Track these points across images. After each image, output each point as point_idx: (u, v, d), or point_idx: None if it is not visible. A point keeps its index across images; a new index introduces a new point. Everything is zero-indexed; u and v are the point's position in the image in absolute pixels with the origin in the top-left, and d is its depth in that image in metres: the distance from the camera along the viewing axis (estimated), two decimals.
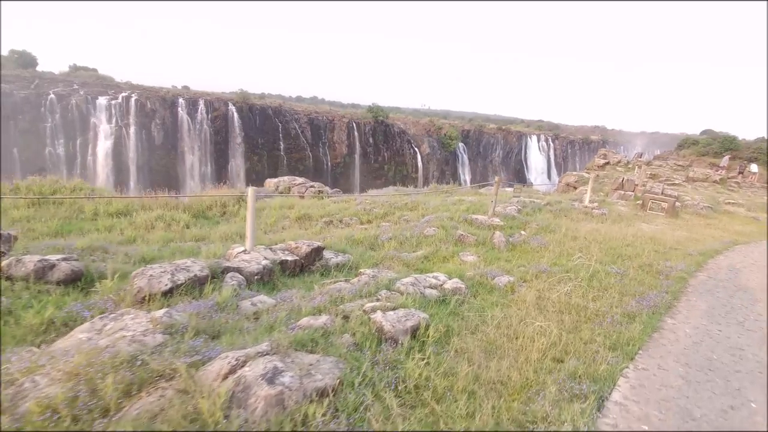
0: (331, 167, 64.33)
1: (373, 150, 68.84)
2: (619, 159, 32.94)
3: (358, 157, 66.87)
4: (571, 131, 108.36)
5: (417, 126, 79.74)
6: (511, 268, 6.40)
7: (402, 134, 73.85)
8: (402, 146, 72.86)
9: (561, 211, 10.98)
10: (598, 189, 17.45)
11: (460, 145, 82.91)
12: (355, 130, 66.37)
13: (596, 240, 8.43)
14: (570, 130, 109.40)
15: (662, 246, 8.56)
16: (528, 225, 9.11)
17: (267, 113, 56.88)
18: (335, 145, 64.76)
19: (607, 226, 10.38)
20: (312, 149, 60.82)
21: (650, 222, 11.76)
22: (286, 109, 60.67)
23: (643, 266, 6.97)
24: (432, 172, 79.05)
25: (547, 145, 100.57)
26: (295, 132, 59.42)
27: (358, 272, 5.28)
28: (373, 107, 70.81)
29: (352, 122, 66.17)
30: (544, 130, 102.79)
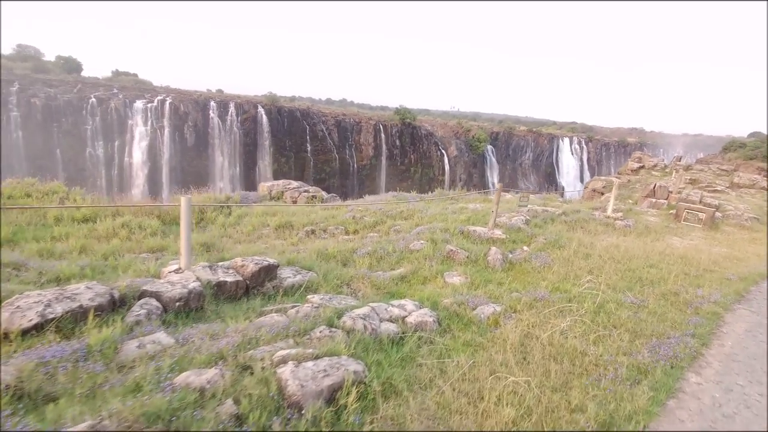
0: (358, 169, 63.94)
1: (400, 152, 67.97)
2: (656, 163, 30.51)
3: (384, 159, 66.19)
4: (606, 133, 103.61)
5: (445, 128, 78.30)
6: (501, 293, 5.30)
7: (429, 136, 72.58)
8: (429, 148, 71.60)
9: (577, 222, 9.66)
10: (627, 196, 15.80)
11: (488, 147, 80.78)
12: (382, 132, 65.73)
13: (613, 258, 7.15)
14: (605, 132, 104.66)
15: (695, 267, 7.16)
16: (534, 239, 7.92)
17: (295, 115, 57.08)
18: (362, 147, 64.34)
19: (630, 240, 8.99)
20: (339, 151, 60.58)
21: (684, 236, 10.21)
22: (313, 111, 60.75)
23: (668, 295, 5.68)
24: (459, 175, 77.35)
25: (580, 147, 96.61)
26: (322, 134, 59.36)
27: (305, 299, 4.36)
28: (401, 109, 69.94)
29: (378, 124, 65.54)
30: (577, 132, 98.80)
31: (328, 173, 59.87)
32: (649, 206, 13.65)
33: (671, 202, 13.16)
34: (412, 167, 69.38)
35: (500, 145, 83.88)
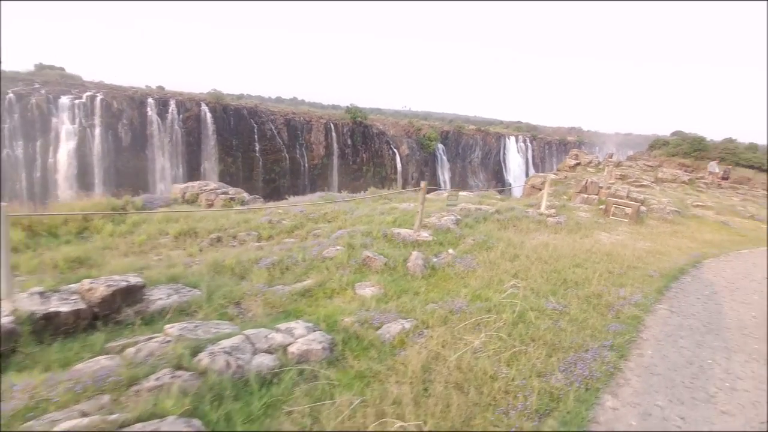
0: (309, 168, 62.42)
1: (352, 151, 67.11)
2: (590, 160, 31.65)
3: (336, 159, 65.08)
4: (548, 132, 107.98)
5: (396, 127, 78.23)
6: (415, 306, 4.67)
7: (381, 135, 72.23)
8: (381, 147, 71.24)
9: (510, 221, 9.32)
10: (562, 192, 15.93)
11: (439, 146, 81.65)
12: (333, 131, 64.57)
13: (540, 259, 6.76)
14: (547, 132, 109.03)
15: (619, 264, 6.93)
16: (463, 240, 7.41)
17: (242, 114, 54.71)
18: (313, 146, 62.84)
19: (560, 237, 8.75)
20: (289, 150, 58.76)
21: (612, 230, 10.18)
22: (261, 109, 58.52)
23: (591, 297, 5.30)
24: (411, 173, 77.57)
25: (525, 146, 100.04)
26: (271, 133, 57.32)
27: (164, 329, 3.48)
28: (352, 108, 69.01)
29: (330, 123, 64.31)
30: (522, 131, 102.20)
31: (279, 173, 57.93)
32: (582, 202, 13.74)
33: (602, 198, 13.30)
34: (364, 166, 68.71)
35: (450, 144, 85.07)
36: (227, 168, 52.86)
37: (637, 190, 17.08)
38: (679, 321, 4.89)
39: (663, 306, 5.31)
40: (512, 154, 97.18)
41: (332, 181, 65.60)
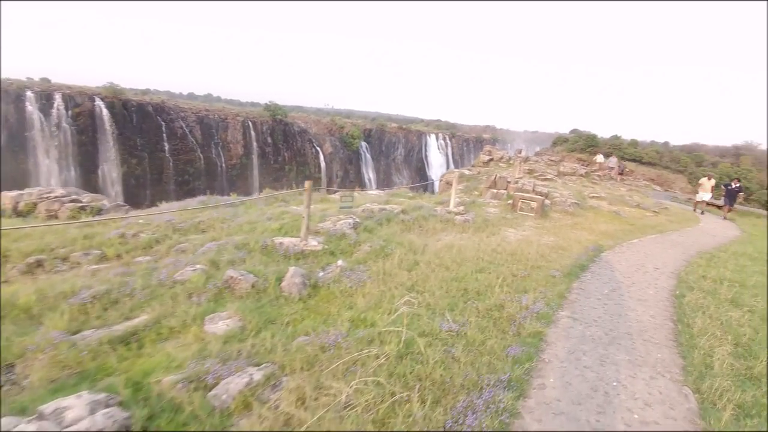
0: (227, 169, 58.45)
1: (273, 150, 64.07)
2: (502, 156, 32.87)
3: (255, 158, 61.67)
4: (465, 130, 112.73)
5: (319, 125, 76.40)
6: (275, 343, 3.57)
7: (303, 133, 69.89)
8: (303, 146, 68.98)
9: (416, 221, 8.58)
10: (474, 188, 15.79)
11: (362, 144, 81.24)
12: (252, 130, 61.07)
13: (442, 265, 6.01)
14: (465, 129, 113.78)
15: (524, 265, 6.43)
16: (359, 247, 6.45)
17: (146, 110, 49.34)
18: (230, 145, 58.91)
19: (467, 237, 8.18)
20: (203, 150, 54.39)
21: (518, 226, 9.92)
22: (170, 106, 53.28)
23: (492, 310, 4.59)
24: (336, 172, 76.31)
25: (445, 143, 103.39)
26: (183, 131, 52.54)
27: None
28: (271, 105, 65.71)
29: (248, 121, 60.69)
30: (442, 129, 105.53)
31: (193, 174, 53.36)
32: (492, 197, 13.61)
33: (510, 192, 13.24)
34: (286, 165, 66.05)
35: (374, 142, 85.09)
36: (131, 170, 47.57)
37: (542, 183, 17.57)
38: (581, 331, 4.34)
39: (565, 313, 4.77)
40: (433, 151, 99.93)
41: (252, 181, 62.19)
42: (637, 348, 4.08)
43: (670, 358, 3.93)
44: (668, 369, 3.74)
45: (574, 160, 41.98)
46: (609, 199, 16.81)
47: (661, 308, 5.25)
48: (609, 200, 16.65)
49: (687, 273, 6.95)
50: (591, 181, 25.49)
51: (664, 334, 4.48)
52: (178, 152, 51.69)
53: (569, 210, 12.67)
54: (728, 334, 4.48)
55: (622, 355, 3.90)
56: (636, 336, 4.35)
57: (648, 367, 3.74)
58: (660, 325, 4.70)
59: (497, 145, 79.46)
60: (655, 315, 5.00)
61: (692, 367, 3.75)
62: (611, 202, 16.43)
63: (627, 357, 3.87)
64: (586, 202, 14.87)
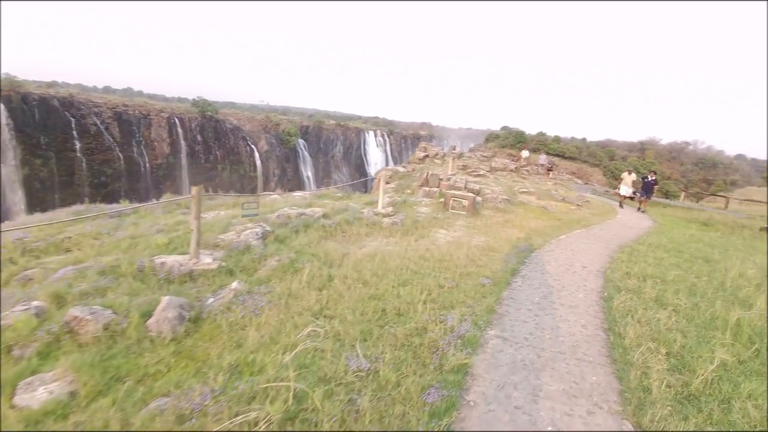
0: (151, 169, 53.67)
1: (203, 148, 59.99)
2: (437, 152, 32.99)
3: (184, 157, 57.32)
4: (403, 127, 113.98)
5: (253, 122, 72.95)
6: (119, 414, 2.55)
7: (236, 131, 66.19)
8: (237, 143, 65.35)
9: (339, 226, 7.74)
10: (406, 186, 15.27)
11: (300, 141, 78.95)
12: (179, 127, 56.63)
13: (361, 279, 5.22)
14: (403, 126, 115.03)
15: (452, 272, 5.85)
16: (265, 262, 5.47)
17: (51, 105, 43.67)
18: (154, 143, 54.15)
19: (394, 242, 7.50)
20: (123, 149, 49.38)
21: (449, 226, 9.44)
22: (80, 100, 47.58)
23: (413, 336, 3.88)
24: (273, 170, 73.42)
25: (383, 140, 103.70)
26: (97, 129, 47.26)
27: None
28: (199, 101, 61.35)
29: (174, 117, 56.13)
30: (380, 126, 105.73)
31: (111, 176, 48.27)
32: (424, 195, 13.14)
33: (442, 190, 12.84)
34: (219, 164, 62.24)
35: (311, 139, 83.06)
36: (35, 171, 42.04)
37: (474, 180, 17.52)
38: (511, 355, 3.76)
39: (494, 332, 4.18)
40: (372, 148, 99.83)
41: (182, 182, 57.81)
42: (571, 371, 3.56)
43: (606, 382, 3.44)
44: (605, 397, 3.24)
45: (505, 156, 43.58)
46: (537, 194, 17.16)
47: (591, 314, 4.88)
48: (537, 195, 16.98)
49: (612, 270, 6.79)
50: (521, 176, 26.28)
51: (597, 348, 4.03)
52: (92, 151, 46.47)
53: (500, 207, 12.53)
54: (659, 343, 4.14)
55: (556, 384, 3.34)
56: (569, 355, 3.85)
57: (584, 398, 3.21)
58: (592, 337, 4.27)
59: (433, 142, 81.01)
60: (587, 324, 4.59)
61: (630, 393, 3.29)
62: (539, 196, 16.76)
63: (562, 386, 3.33)
64: (517, 197, 14.95)
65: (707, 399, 3.31)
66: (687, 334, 4.49)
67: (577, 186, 27.85)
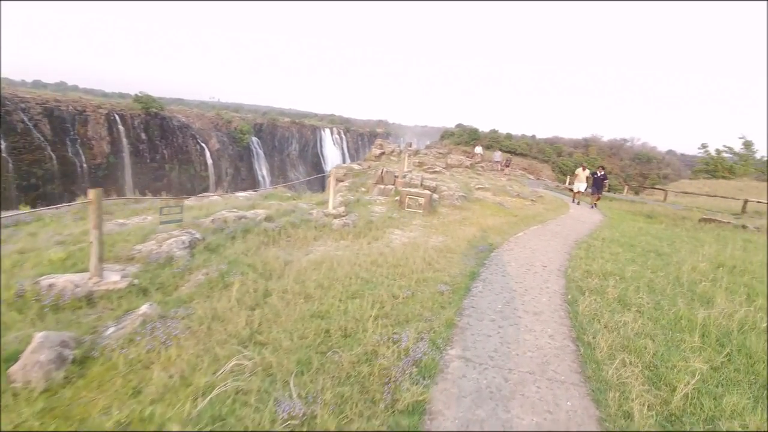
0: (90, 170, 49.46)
1: (148, 147, 56.12)
2: (393, 149, 32.55)
3: (127, 156, 53.34)
4: (360, 125, 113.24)
5: (203, 119, 69.40)
6: None
7: (185, 128, 62.57)
8: (186, 142, 61.80)
9: (284, 229, 6.94)
10: (361, 184, 14.60)
11: (253, 139, 76.21)
12: (120, 124, 52.58)
13: (304, 292, 4.50)
14: (359, 124, 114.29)
15: (408, 279, 5.28)
16: (190, 277, 4.62)
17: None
18: (92, 142, 49.94)
19: (345, 246, 6.81)
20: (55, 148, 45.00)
21: (405, 226, 8.90)
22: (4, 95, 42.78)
23: (360, 364, 3.24)
24: (225, 169, 70.35)
25: (340, 137, 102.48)
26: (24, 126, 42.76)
27: None
28: (142, 97, 57.30)
29: (113, 114, 52.02)
30: (336, 123, 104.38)
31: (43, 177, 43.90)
32: (379, 193, 12.55)
33: (398, 188, 12.30)
34: (167, 164, 58.57)
35: (266, 137, 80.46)
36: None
37: (431, 176, 17.17)
38: (475, 381, 3.21)
39: (455, 351, 3.62)
40: (329, 146, 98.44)
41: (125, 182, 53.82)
42: (543, 397, 3.07)
43: (583, 408, 2.98)
44: (585, 428, 2.76)
45: (461, 153, 43.98)
46: (493, 190, 17.08)
47: (557, 321, 4.47)
48: (493, 191, 16.90)
49: (572, 269, 6.51)
50: (476, 172, 26.40)
51: (567, 363, 3.59)
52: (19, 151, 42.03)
53: (457, 204, 12.18)
54: (631, 352, 3.78)
55: (528, 417, 2.82)
56: (539, 375, 3.37)
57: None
58: (561, 350, 3.83)
59: (390, 139, 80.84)
60: (554, 334, 4.16)
61: (610, 421, 2.83)
62: (495, 192, 16.68)
63: (534, 419, 2.81)
64: (473, 194, 14.72)
65: (690, 419, 2.94)
66: (655, 338, 4.17)
67: (529, 181, 28.43)
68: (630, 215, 15.00)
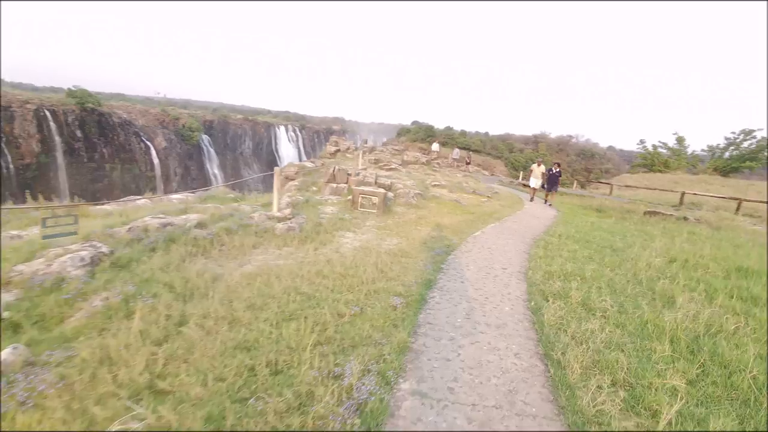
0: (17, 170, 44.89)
1: (86, 145, 51.67)
2: (349, 146, 31.73)
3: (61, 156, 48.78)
4: (316, 122, 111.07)
5: (147, 116, 65.06)
6: None
7: (127, 125, 58.24)
8: (128, 140, 57.56)
9: (218, 237, 6.06)
10: (312, 183, 13.75)
11: (203, 137, 72.49)
12: (51, 121, 47.96)
13: (229, 316, 3.74)
14: (315, 121, 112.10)
15: (357, 291, 4.64)
16: (84, 303, 3.71)
17: None
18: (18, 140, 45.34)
19: (289, 253, 6.04)
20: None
21: (358, 228, 8.24)
22: None
23: (289, 414, 2.56)
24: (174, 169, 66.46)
25: (295, 135, 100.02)
26: None
27: None
28: (77, 91, 52.46)
29: (43, 110, 47.33)
30: (291, 120, 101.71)
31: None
32: (331, 193, 11.79)
33: (351, 186, 11.60)
34: (107, 164, 54.28)
35: (217, 135, 76.87)
36: None
37: (386, 174, 16.61)
38: (432, 424, 2.62)
39: (408, 385, 3.02)
40: (284, 143, 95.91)
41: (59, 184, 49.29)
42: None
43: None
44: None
45: (417, 149, 43.92)
46: (449, 187, 16.80)
47: (523, 335, 4.00)
48: (449, 188, 16.62)
49: (533, 270, 6.14)
50: (432, 169, 26.20)
51: (537, 390, 3.09)
52: None
53: (413, 202, 11.68)
54: (603, 370, 3.36)
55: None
56: (507, 408, 2.84)
57: None
58: (530, 371, 3.34)
59: (346, 136, 79.75)
60: (520, 351, 3.67)
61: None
62: (451, 189, 16.41)
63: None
64: (429, 191, 14.31)
65: None
66: (625, 348, 3.80)
67: (484, 177, 28.69)
68: (581, 209, 15.23)
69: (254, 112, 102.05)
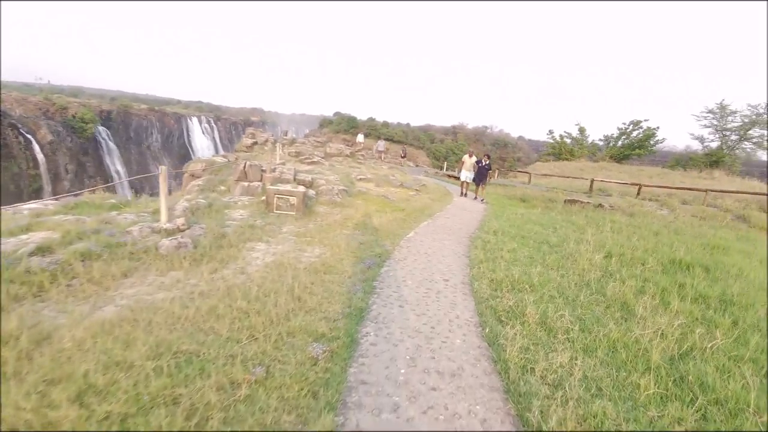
0: None
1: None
2: (267, 138, 29.31)
3: None
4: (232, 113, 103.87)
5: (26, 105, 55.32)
6: None
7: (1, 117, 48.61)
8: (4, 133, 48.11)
9: (68, 265, 4.30)
10: (220, 181, 11.83)
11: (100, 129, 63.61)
12: None
13: (41, 409, 2.27)
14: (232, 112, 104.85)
15: (263, 338, 3.36)
16: None
17: None
18: None
19: (176, 279, 4.51)
20: None
21: (273, 236, 6.82)
22: None
23: None
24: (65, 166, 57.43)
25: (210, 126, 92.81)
26: None
27: None
28: None
29: None
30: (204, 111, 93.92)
31: None
32: (243, 193, 10.09)
33: (266, 185, 10.00)
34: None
35: (117, 127, 68.00)
36: None
37: (307, 168, 15.11)
38: None
39: None
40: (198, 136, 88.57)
41: None
42: None
43: None
44: None
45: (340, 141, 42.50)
46: (376, 181, 15.81)
47: (486, 385, 3.05)
48: (376, 182, 15.63)
49: (477, 280, 5.33)
50: (357, 161, 25.08)
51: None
52: None
53: (337, 200, 10.45)
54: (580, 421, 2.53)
55: None
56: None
57: None
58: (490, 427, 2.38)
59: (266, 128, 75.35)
60: (486, 414, 2.70)
61: None
62: (378, 183, 15.43)
63: None
64: (355, 186, 13.15)
65: None
66: (602, 385, 3.05)
67: (410, 169, 28.28)
68: (507, 200, 15.21)
69: (162, 102, 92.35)
